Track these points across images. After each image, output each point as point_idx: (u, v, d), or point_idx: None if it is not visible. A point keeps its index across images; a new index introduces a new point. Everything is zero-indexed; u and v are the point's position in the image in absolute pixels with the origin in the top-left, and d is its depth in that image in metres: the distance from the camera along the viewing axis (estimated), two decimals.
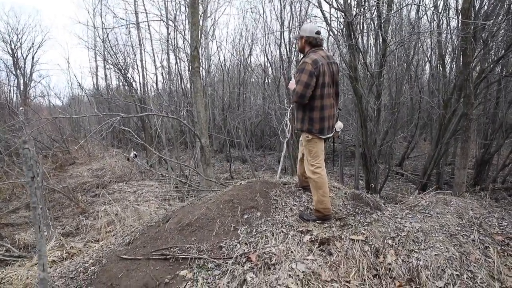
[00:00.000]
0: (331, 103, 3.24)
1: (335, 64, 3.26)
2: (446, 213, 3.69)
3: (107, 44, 13.96)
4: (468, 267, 2.74)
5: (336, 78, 3.28)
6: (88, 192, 8.21)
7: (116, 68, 14.23)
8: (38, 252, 1.59)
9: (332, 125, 3.31)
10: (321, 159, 3.31)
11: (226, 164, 12.40)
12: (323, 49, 3.27)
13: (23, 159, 1.47)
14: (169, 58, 13.58)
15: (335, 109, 3.33)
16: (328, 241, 2.96)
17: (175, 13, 12.48)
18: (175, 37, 12.95)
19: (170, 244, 3.04)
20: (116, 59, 13.91)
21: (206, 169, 6.81)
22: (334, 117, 3.33)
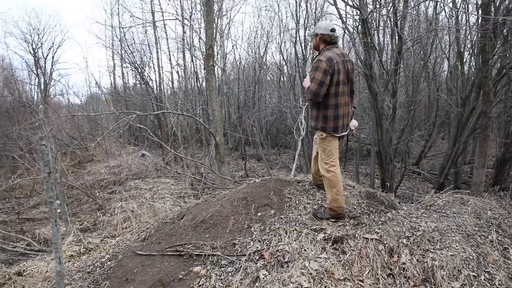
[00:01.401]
0: (345, 101, 3.22)
1: (350, 62, 3.23)
2: (463, 213, 3.63)
3: (124, 43, 14.18)
4: (486, 268, 2.69)
5: (351, 76, 3.26)
6: (105, 189, 8.36)
7: (132, 67, 14.43)
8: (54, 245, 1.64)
9: (346, 123, 3.29)
10: (335, 157, 3.30)
11: (241, 162, 12.43)
12: (338, 47, 3.25)
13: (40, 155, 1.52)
14: (185, 57, 13.69)
15: (349, 107, 3.31)
16: (342, 239, 2.95)
17: (190, 12, 12.55)
18: (190, 36, 13.05)
19: (184, 240, 3.07)
20: (132, 58, 14.12)
21: (220, 167, 6.85)
22: (348, 115, 3.31)
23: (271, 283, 2.46)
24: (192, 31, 12.81)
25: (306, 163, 9.62)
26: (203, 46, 10.81)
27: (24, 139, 10.45)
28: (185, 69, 13.78)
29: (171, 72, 18.93)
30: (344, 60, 3.17)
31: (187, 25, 12.35)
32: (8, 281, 3.38)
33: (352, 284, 2.50)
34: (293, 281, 2.44)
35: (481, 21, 5.76)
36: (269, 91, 16.94)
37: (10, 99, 12.55)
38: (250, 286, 2.48)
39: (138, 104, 14.95)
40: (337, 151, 3.33)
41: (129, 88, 17.60)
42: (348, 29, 7.41)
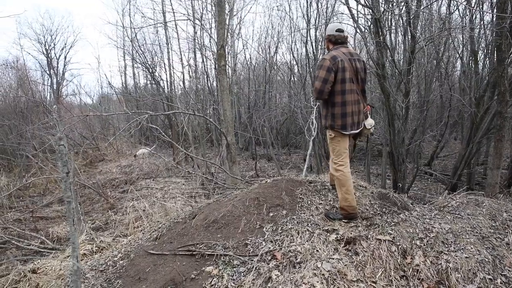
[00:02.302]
0: (354, 99, 3.22)
1: (359, 60, 3.25)
2: (477, 214, 3.57)
3: (135, 43, 14.29)
4: (502, 271, 2.65)
5: (360, 74, 3.26)
6: (116, 188, 8.44)
7: (144, 67, 14.54)
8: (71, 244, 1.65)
9: (357, 121, 3.27)
10: (344, 157, 3.29)
11: (252, 162, 12.43)
12: (346, 46, 3.30)
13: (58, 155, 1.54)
14: (196, 57, 13.74)
15: (361, 105, 3.29)
16: (354, 240, 2.92)
17: (201, 12, 12.61)
18: (201, 36, 13.09)
19: (196, 240, 3.08)
20: (144, 58, 14.22)
21: (232, 167, 6.86)
22: (360, 114, 3.29)
23: (283, 283, 2.45)
24: (203, 31, 12.86)
25: (317, 164, 9.58)
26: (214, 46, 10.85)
27: (37, 139, 10.60)
28: (196, 69, 13.84)
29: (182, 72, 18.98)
30: (352, 58, 3.20)
31: (198, 25, 12.41)
32: (23, 278, 3.44)
33: (365, 286, 2.48)
34: (306, 282, 2.43)
35: (496, 20, 5.66)
36: (280, 91, 16.92)
37: (24, 99, 12.75)
38: (262, 286, 2.47)
39: (149, 104, 15.05)
40: (347, 150, 3.31)
41: (140, 88, 17.74)
42: (360, 29, 7.36)
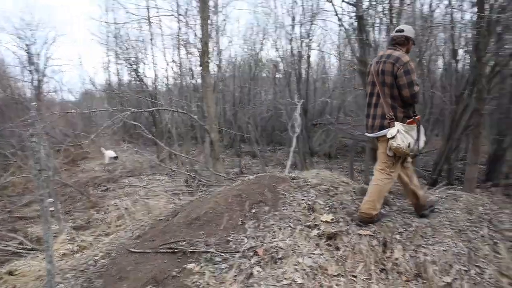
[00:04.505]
0: (373, 102, 3.23)
1: (385, 63, 3.09)
2: (455, 208, 3.65)
3: (118, 39, 14.07)
4: (477, 263, 2.72)
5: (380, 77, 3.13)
6: (99, 187, 8.32)
7: (127, 63, 14.34)
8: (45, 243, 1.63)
9: (372, 124, 3.23)
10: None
11: (236, 159, 12.41)
12: (390, 48, 3.22)
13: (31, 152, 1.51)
14: (180, 53, 13.62)
15: (378, 109, 3.18)
16: (336, 235, 2.96)
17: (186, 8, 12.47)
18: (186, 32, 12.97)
19: (178, 238, 3.07)
20: (127, 54, 14.01)
21: (215, 164, 6.85)
22: (375, 118, 3.20)
23: (265, 279, 2.47)
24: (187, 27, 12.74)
25: (301, 160, 9.64)
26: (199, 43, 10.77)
27: (16, 137, 10.36)
28: (180, 66, 13.72)
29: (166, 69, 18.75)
30: (379, 61, 3.14)
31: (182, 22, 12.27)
32: None
33: (345, 280, 2.52)
34: (287, 277, 2.46)
35: (475, 19, 5.78)
36: (265, 88, 16.92)
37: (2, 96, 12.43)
38: (244, 282, 2.48)
39: (132, 101, 14.87)
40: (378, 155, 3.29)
41: (123, 85, 17.49)
42: (344, 26, 7.42)
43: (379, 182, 3.17)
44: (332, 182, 3.99)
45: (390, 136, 2.99)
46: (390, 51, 3.14)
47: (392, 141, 2.98)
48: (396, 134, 2.97)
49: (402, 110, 3.10)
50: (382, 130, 3.10)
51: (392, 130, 3.00)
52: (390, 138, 2.99)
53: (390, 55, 3.09)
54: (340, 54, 13.35)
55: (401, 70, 2.99)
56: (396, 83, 3.04)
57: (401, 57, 3.04)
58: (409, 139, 3.00)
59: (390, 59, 3.05)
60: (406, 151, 3.00)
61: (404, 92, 3.03)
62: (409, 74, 2.99)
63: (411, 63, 3.03)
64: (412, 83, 2.99)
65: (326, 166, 10.93)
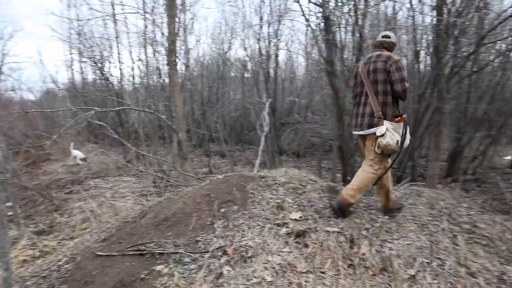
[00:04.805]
0: (360, 101, 3.37)
1: (376, 62, 3.27)
2: (418, 204, 3.81)
3: (82, 36, 13.59)
4: (438, 255, 2.84)
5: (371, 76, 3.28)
6: (62, 189, 8.00)
7: (92, 62, 13.88)
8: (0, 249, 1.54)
9: (359, 123, 3.35)
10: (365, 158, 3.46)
11: (205, 159, 12.31)
12: (377, 51, 3.40)
13: None
14: (147, 52, 13.34)
15: (367, 107, 3.28)
16: (304, 233, 3.00)
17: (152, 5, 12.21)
18: (153, 31, 12.71)
19: (146, 239, 3.01)
20: (91, 52, 13.57)
21: (183, 164, 6.76)
22: (364, 116, 3.31)
23: (234, 278, 2.46)
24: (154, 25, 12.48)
25: (270, 159, 9.69)
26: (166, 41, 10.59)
27: None
28: (147, 65, 13.44)
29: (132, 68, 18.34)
30: (369, 61, 3.32)
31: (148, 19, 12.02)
32: None
33: (314, 276, 2.56)
34: (257, 276, 2.47)
35: (435, 22, 6.02)
36: (233, 87, 16.88)
37: None
38: (213, 282, 2.47)
39: (97, 101, 14.43)
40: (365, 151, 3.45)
41: (88, 84, 16.93)
42: (311, 26, 7.51)
43: (364, 176, 3.31)
44: (300, 180, 4.04)
45: (380, 134, 3.10)
46: (379, 52, 3.33)
47: (381, 138, 3.10)
48: (386, 132, 3.08)
49: (392, 107, 3.23)
50: (371, 128, 3.22)
51: (381, 128, 3.12)
52: (379, 136, 3.10)
53: (380, 54, 3.28)
54: (308, 54, 13.52)
55: (393, 66, 3.17)
56: (388, 78, 3.20)
57: (392, 56, 3.25)
58: (397, 136, 3.14)
59: (381, 58, 3.24)
60: (395, 148, 3.13)
61: (397, 87, 3.18)
62: (400, 71, 3.18)
63: (401, 61, 3.22)
64: (404, 79, 3.17)
65: (294, 164, 11.04)
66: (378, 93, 3.23)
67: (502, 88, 8.56)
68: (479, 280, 2.61)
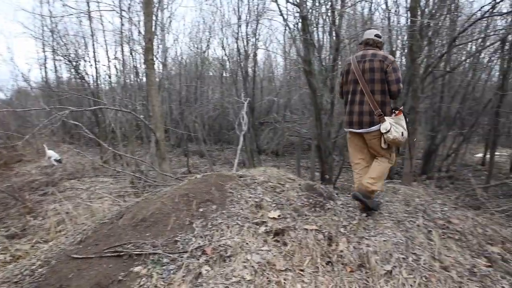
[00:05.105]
0: (356, 99, 3.39)
1: (371, 61, 3.31)
2: (394, 201, 3.90)
3: (55, 34, 13.24)
4: (413, 251, 2.91)
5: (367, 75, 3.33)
6: (36, 191, 7.76)
7: (66, 60, 13.54)
8: None
9: (356, 121, 3.40)
10: (351, 155, 3.66)
11: (184, 158, 12.21)
12: (367, 49, 3.44)
13: None
14: (123, 51, 13.13)
15: (364, 106, 3.34)
16: (283, 231, 3.02)
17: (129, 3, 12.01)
18: (129, 29, 12.52)
19: (123, 240, 2.96)
20: (66, 50, 13.23)
21: (161, 164, 6.69)
22: (361, 114, 3.36)
23: (213, 278, 2.46)
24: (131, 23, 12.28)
25: (248, 158, 9.70)
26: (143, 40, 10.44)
27: None
28: (124, 64, 13.23)
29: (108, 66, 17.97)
30: (362, 60, 3.35)
31: (125, 17, 11.82)
32: None
33: (293, 274, 2.58)
34: (236, 275, 2.47)
35: (409, 23, 6.17)
36: (211, 86, 16.81)
37: None
38: (192, 282, 2.46)
39: (73, 100, 14.10)
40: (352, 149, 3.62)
41: (63, 83, 16.51)
42: (289, 26, 7.57)
43: (378, 163, 3.43)
44: (279, 179, 4.06)
45: (385, 130, 3.22)
46: (373, 51, 3.38)
47: (388, 134, 3.21)
48: (390, 128, 3.19)
49: (389, 105, 3.37)
50: (373, 126, 3.31)
51: (384, 125, 3.23)
52: (385, 133, 3.22)
53: (376, 54, 3.33)
54: (286, 53, 13.61)
55: (390, 67, 3.26)
56: (385, 78, 3.28)
57: (387, 56, 3.33)
58: (400, 129, 3.26)
59: (378, 58, 3.30)
60: (402, 140, 3.26)
61: (393, 87, 3.29)
62: (396, 71, 3.29)
63: (396, 62, 3.32)
64: (399, 79, 3.28)
65: (273, 163, 11.09)
66: (374, 92, 3.31)
67: (473, 88, 8.85)
68: (452, 273, 2.70)
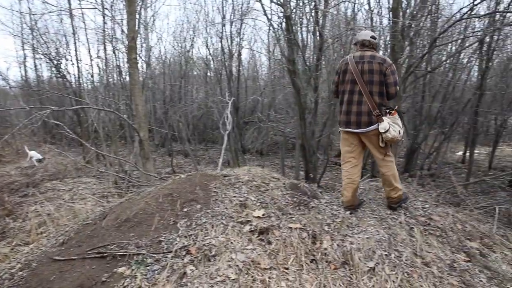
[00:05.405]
0: (354, 99, 3.43)
1: (370, 63, 3.35)
2: (377, 199, 3.96)
3: (35, 32, 12.96)
4: (396, 247, 2.97)
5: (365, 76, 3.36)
6: (16, 192, 7.60)
7: (47, 58, 13.28)
8: None
9: (354, 121, 3.44)
10: (344, 153, 3.68)
11: (168, 158, 12.14)
12: (365, 50, 3.46)
13: None
14: (106, 49, 12.94)
15: (362, 106, 3.39)
16: (267, 230, 3.03)
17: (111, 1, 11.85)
18: (112, 27, 12.35)
19: (107, 241, 2.93)
20: (46, 48, 12.98)
21: (145, 164, 6.63)
22: (359, 114, 3.41)
23: (198, 277, 2.45)
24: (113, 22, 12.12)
25: (233, 158, 9.70)
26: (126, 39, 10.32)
27: None
28: (107, 63, 13.04)
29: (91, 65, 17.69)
30: (360, 61, 3.38)
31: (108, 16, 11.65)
32: None
33: (277, 272, 2.59)
34: (221, 274, 2.47)
35: (391, 24, 6.27)
36: (196, 86, 16.74)
37: None
38: (177, 282, 2.45)
39: (54, 99, 13.84)
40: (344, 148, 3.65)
41: (44, 82, 16.18)
42: (273, 26, 7.60)
43: (388, 172, 3.51)
44: (263, 178, 4.07)
45: (384, 130, 3.30)
46: (371, 53, 3.42)
47: (386, 134, 3.30)
48: (389, 128, 3.28)
49: (385, 106, 3.43)
50: (371, 126, 3.37)
51: (383, 124, 3.31)
52: (384, 132, 3.30)
53: (374, 56, 3.38)
54: (270, 53, 13.65)
55: (389, 69, 3.32)
56: (384, 80, 3.34)
57: (386, 59, 3.39)
58: (398, 128, 3.35)
59: (377, 60, 3.34)
60: (399, 138, 3.37)
61: (391, 89, 3.38)
62: (394, 74, 3.37)
63: (393, 65, 3.38)
64: (397, 82, 3.37)
65: (258, 163, 11.12)
66: (373, 94, 3.37)
67: (453, 88, 9.04)
68: (433, 269, 2.76)
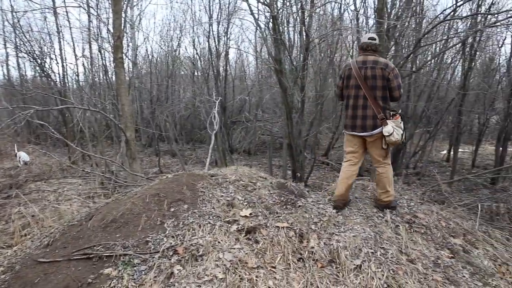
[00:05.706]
0: (357, 104, 3.50)
1: (373, 68, 3.39)
2: (364, 197, 4.01)
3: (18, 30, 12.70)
4: (382, 245, 3.02)
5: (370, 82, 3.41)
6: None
7: (30, 57, 13.04)
8: None
9: (360, 124, 3.50)
10: (347, 153, 3.73)
11: (155, 158, 12.05)
12: (367, 54, 3.49)
13: None
14: (91, 48, 12.78)
15: (368, 110, 3.45)
16: (255, 229, 3.05)
17: None
18: (98, 26, 12.20)
19: (93, 242, 2.90)
20: (30, 47, 12.74)
21: (132, 164, 6.57)
22: (364, 118, 3.48)
23: (185, 277, 2.45)
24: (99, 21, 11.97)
25: (220, 157, 9.68)
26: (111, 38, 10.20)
27: None
28: (92, 62, 12.88)
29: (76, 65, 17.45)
30: (363, 66, 3.42)
31: (93, 14, 11.50)
32: None
33: (265, 271, 2.60)
34: (208, 274, 2.47)
35: (376, 24, 6.35)
36: (183, 85, 16.65)
37: None
38: (164, 283, 2.44)
39: (38, 99, 13.61)
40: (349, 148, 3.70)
41: (27, 81, 15.90)
42: (259, 25, 7.60)
43: (385, 173, 3.61)
44: (251, 178, 4.08)
45: (388, 133, 3.36)
46: (373, 57, 3.45)
47: (390, 137, 3.37)
48: (393, 131, 3.36)
49: (389, 110, 3.49)
50: (376, 129, 3.44)
51: (387, 128, 3.37)
52: (387, 135, 3.37)
53: (377, 61, 3.41)
54: (257, 52, 13.67)
55: (391, 74, 3.37)
56: (387, 85, 3.40)
57: (388, 63, 3.43)
58: (400, 131, 3.42)
59: (379, 65, 3.38)
60: (401, 141, 3.49)
61: (396, 93, 3.43)
62: (398, 78, 3.41)
63: (396, 69, 3.42)
64: (400, 85, 3.42)
65: (245, 162, 11.12)
66: (377, 98, 3.43)
67: (437, 88, 9.20)
68: (418, 265, 2.82)
